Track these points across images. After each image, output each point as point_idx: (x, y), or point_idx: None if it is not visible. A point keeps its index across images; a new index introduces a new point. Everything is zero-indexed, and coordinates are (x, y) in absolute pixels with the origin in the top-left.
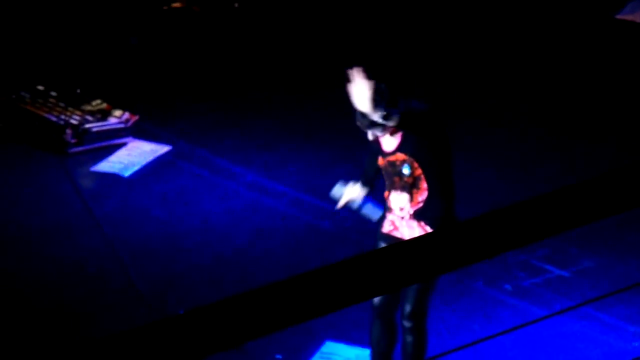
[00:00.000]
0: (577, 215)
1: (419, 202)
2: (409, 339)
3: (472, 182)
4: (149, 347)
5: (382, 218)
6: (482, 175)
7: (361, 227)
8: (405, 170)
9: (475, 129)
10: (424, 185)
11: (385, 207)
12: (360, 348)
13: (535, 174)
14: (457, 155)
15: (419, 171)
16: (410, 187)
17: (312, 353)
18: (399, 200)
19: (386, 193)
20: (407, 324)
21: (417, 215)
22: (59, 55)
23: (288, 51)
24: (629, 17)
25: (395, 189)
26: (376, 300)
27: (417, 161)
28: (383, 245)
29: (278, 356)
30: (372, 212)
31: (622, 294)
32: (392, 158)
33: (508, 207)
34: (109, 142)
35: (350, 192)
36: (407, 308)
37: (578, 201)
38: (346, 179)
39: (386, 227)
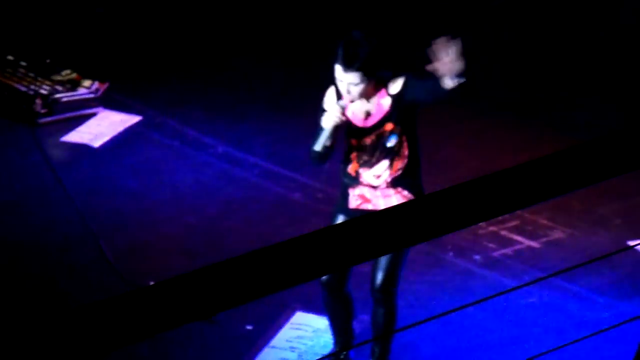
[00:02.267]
0: (550, 186)
1: (398, 170)
2: (380, 310)
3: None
4: (120, 318)
5: (344, 194)
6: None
7: (333, 198)
8: (392, 141)
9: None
10: (405, 152)
11: (347, 182)
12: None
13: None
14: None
15: (403, 137)
16: (392, 155)
17: (283, 324)
18: (374, 171)
19: (352, 167)
20: (378, 295)
21: (396, 183)
22: (27, 25)
23: (259, 20)
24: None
25: (371, 162)
26: (324, 276)
27: (404, 127)
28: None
29: (248, 327)
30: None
31: (592, 265)
32: (377, 132)
33: (480, 178)
34: (79, 112)
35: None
36: (378, 280)
37: (551, 172)
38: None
39: (353, 203)
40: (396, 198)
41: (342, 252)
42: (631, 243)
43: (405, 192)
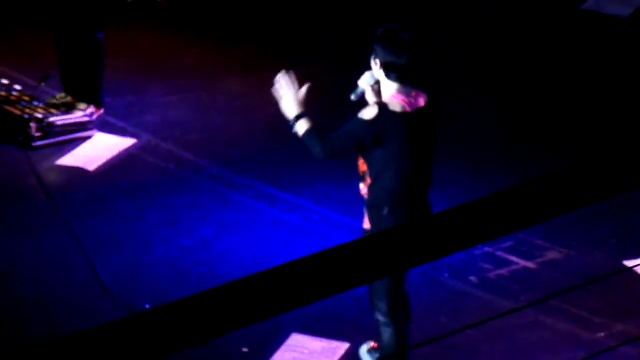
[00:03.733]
0: (547, 208)
1: (364, 192)
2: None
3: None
4: (117, 345)
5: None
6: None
7: (328, 219)
8: (361, 160)
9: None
10: (368, 178)
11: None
12: (327, 340)
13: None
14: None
15: (363, 161)
16: (363, 176)
17: (278, 345)
18: (361, 185)
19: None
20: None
21: (366, 203)
22: (25, 49)
23: (252, 39)
24: (593, 8)
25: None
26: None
27: (363, 154)
28: None
29: (244, 349)
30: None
31: (588, 285)
32: None
33: (476, 201)
34: (74, 136)
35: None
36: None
37: (548, 193)
38: (314, 172)
39: (366, 223)
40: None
41: (335, 277)
42: (627, 263)
43: (367, 215)
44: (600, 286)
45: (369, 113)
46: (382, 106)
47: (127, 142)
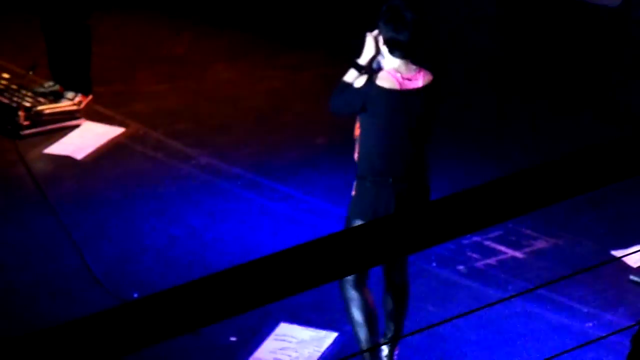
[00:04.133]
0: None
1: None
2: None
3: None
4: (105, 333)
5: None
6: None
7: (316, 209)
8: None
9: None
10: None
11: None
12: (315, 329)
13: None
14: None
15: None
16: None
17: (267, 335)
18: None
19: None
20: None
21: None
22: (12, 37)
23: (244, 27)
24: None
25: None
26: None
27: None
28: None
29: (232, 338)
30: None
31: (576, 275)
32: None
33: (469, 190)
34: (62, 124)
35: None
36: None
37: (541, 182)
38: (303, 161)
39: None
40: None
41: (324, 266)
42: (615, 252)
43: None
44: (589, 275)
45: (359, 81)
46: (371, 78)
47: (115, 131)
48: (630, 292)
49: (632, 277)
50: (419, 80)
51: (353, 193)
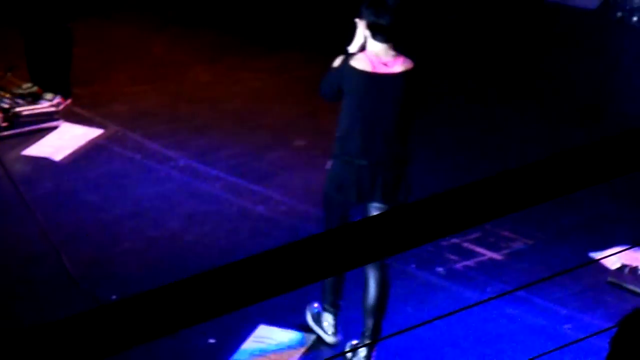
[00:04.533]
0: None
1: None
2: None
3: None
4: (83, 336)
5: None
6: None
7: (296, 211)
8: None
9: None
10: None
11: None
12: (294, 331)
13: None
14: None
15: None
16: None
17: (246, 336)
18: None
19: None
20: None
21: None
22: None
23: (222, 31)
24: (559, 0)
25: None
26: None
27: None
28: None
29: (211, 340)
30: None
31: (554, 277)
32: None
33: (448, 191)
34: (40, 126)
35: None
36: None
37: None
38: (282, 163)
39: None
40: None
41: (302, 268)
42: (593, 254)
43: None
44: (567, 277)
45: (336, 61)
46: (347, 58)
47: (94, 132)
48: (608, 294)
49: (610, 278)
50: (396, 66)
51: (328, 168)
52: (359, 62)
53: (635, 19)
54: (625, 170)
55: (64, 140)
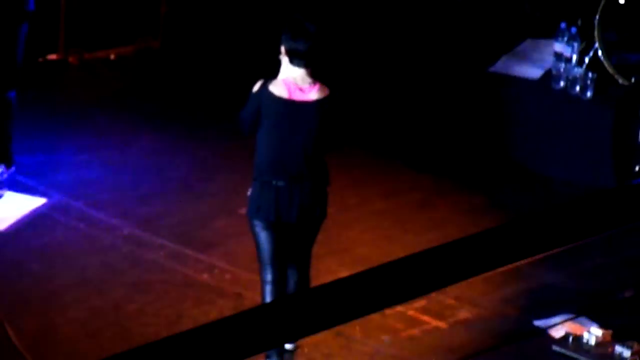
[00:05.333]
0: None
1: None
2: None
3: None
4: None
5: None
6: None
7: (240, 279)
8: None
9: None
10: None
11: None
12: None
13: None
14: None
15: None
16: None
17: None
18: None
19: None
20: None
21: None
22: None
23: (169, 105)
24: (502, 71)
25: None
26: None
27: None
28: None
29: None
30: None
31: (499, 345)
32: None
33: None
34: None
35: None
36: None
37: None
38: (226, 232)
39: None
40: None
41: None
42: (538, 323)
43: None
44: (513, 347)
45: (256, 86)
46: (265, 83)
47: (37, 201)
48: None
49: (555, 347)
50: (312, 92)
51: (249, 194)
52: (277, 88)
53: (577, 88)
54: (570, 239)
55: (7, 210)
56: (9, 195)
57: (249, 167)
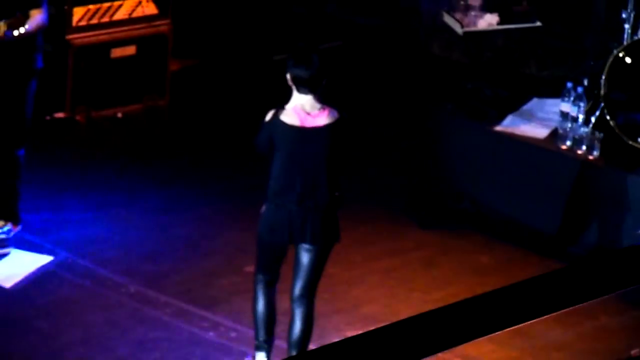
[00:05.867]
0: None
1: None
2: (300, 314)
3: None
4: None
5: None
6: None
7: (246, 337)
8: None
9: None
10: None
11: None
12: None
13: None
14: None
15: None
16: None
17: None
18: None
19: None
20: (300, 300)
21: None
22: None
23: (175, 163)
24: (508, 130)
25: None
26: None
27: None
28: None
29: None
30: None
31: None
32: None
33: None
34: None
35: None
36: (300, 285)
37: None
38: (231, 289)
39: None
40: None
41: None
42: None
43: None
44: None
45: (268, 115)
46: (277, 113)
47: (43, 259)
48: None
49: None
50: (322, 118)
51: (262, 212)
52: (288, 117)
53: (583, 147)
54: (578, 299)
55: (13, 268)
56: (16, 253)
57: (254, 224)
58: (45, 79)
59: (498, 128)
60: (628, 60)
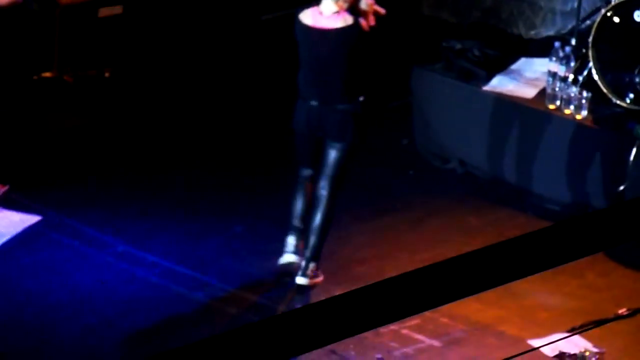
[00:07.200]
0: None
1: None
2: (322, 204)
3: None
4: None
5: None
6: None
7: (235, 298)
8: None
9: None
10: None
11: None
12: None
13: None
14: None
15: None
16: None
17: None
18: None
19: None
20: (323, 187)
21: None
22: None
23: (160, 120)
24: (496, 90)
25: None
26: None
27: None
28: None
29: None
30: None
31: None
32: None
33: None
34: None
35: None
36: (327, 172)
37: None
38: (220, 249)
39: None
40: None
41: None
42: (532, 342)
43: None
44: None
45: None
46: (298, 13)
47: (31, 219)
48: None
49: None
50: (334, 21)
51: None
52: (304, 16)
53: (571, 107)
54: (564, 258)
55: (1, 227)
56: (4, 212)
57: (243, 186)
58: (32, 39)
59: (486, 88)
60: (616, 19)
